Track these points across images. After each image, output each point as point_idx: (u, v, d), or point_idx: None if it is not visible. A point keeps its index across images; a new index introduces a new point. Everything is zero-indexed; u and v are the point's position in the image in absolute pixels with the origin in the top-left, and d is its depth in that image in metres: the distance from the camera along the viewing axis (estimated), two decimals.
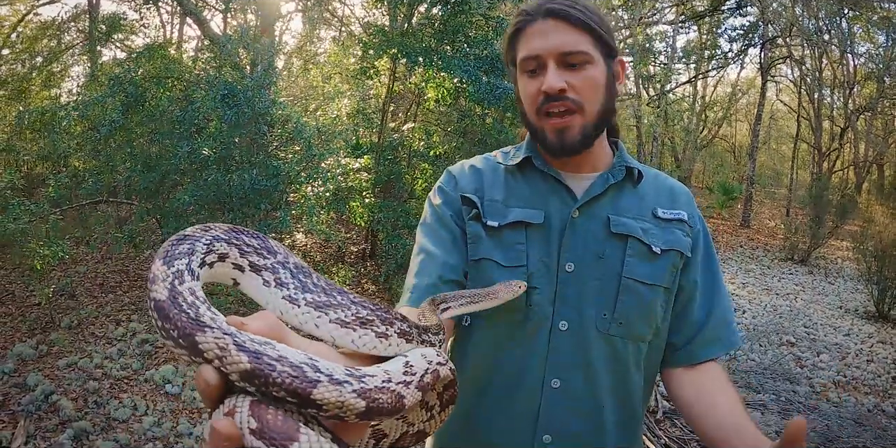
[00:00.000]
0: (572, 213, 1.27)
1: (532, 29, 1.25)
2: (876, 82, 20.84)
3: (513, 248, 1.26)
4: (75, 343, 6.23)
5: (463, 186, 1.35)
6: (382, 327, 0.66)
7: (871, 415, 5.72)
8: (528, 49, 1.24)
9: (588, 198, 1.29)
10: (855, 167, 23.57)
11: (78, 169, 8.85)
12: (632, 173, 1.34)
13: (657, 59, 21.49)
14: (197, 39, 15.83)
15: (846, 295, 11.16)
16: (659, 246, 1.28)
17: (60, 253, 6.47)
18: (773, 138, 31.76)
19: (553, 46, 1.21)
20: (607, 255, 1.26)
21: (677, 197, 1.38)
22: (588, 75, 1.23)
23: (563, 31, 1.22)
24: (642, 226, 1.29)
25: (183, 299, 0.54)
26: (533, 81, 1.25)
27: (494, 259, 1.26)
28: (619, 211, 1.30)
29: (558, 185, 1.31)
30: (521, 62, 1.26)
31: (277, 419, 0.49)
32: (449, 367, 0.70)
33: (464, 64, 7.79)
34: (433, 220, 1.34)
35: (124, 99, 7.12)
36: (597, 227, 1.28)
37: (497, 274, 1.25)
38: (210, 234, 0.62)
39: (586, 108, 1.24)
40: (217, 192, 6.36)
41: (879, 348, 7.99)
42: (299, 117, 7.14)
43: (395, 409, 0.56)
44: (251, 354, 0.50)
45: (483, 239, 1.28)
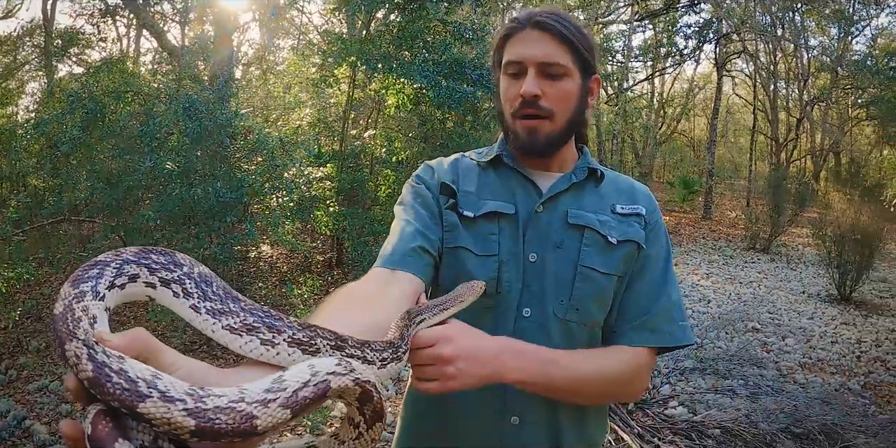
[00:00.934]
0: (536, 207, 1.36)
1: (519, 36, 1.33)
2: (829, 74, 21.39)
3: (486, 237, 1.34)
4: (45, 366, 6.14)
5: (441, 176, 1.42)
6: (269, 335, 0.69)
7: (839, 393, 5.89)
8: (513, 54, 1.33)
9: (552, 193, 1.37)
10: (812, 156, 24.14)
11: (38, 188, 8.72)
12: (594, 174, 1.43)
13: (614, 58, 21.79)
14: (154, 52, 15.66)
15: (808, 280, 11.43)
16: (616, 237, 1.35)
17: (26, 275, 6.37)
18: (731, 131, 32.39)
19: (534, 55, 1.30)
20: (565, 245, 1.34)
21: (637, 194, 1.46)
22: (563, 87, 1.32)
23: (546, 43, 1.31)
24: (600, 218, 1.37)
25: (71, 315, 0.60)
26: (514, 84, 1.33)
27: (469, 248, 1.33)
28: (580, 206, 1.38)
29: (526, 181, 1.39)
30: (506, 65, 1.35)
31: (105, 428, 0.55)
32: (354, 378, 0.67)
33: (423, 69, 7.85)
34: (412, 198, 1.39)
35: (84, 115, 7.04)
36: (557, 220, 1.36)
37: (471, 262, 1.32)
38: (120, 258, 0.67)
39: (556, 117, 1.32)
40: (181, 207, 6.33)
41: (843, 329, 8.22)
42: (261, 128, 7.13)
43: (241, 430, 0.57)
44: (96, 364, 0.56)
45: (459, 228, 1.35)
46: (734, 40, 20.93)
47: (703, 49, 22.80)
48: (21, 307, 7.17)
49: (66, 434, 0.58)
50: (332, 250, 9.67)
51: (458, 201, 1.37)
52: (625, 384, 1.32)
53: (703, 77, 29.22)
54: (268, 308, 0.72)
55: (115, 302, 0.67)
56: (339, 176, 8.49)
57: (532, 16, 1.33)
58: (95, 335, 0.59)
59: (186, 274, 0.70)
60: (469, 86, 8.13)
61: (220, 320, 0.69)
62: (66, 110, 7.23)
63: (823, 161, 23.51)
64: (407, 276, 1.20)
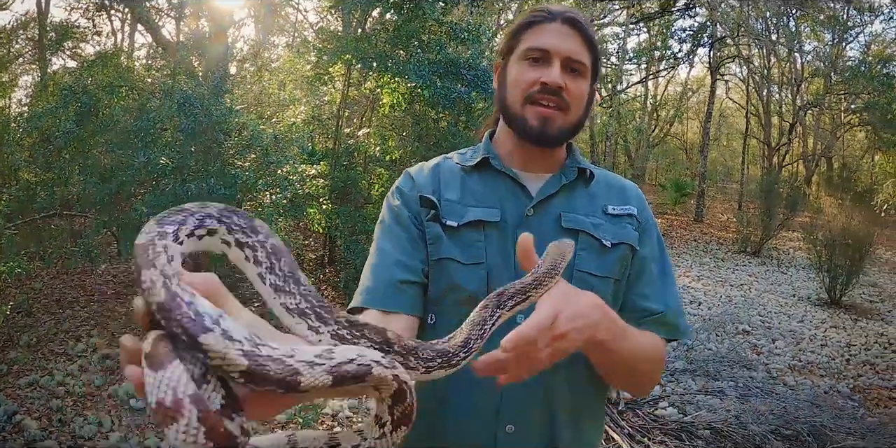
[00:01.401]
0: (527, 211, 1.33)
1: (548, 27, 1.33)
2: (823, 79, 21.51)
3: (472, 245, 1.31)
4: (35, 361, 6.11)
5: (421, 187, 1.38)
6: (316, 323, 0.73)
7: (828, 396, 5.94)
8: (540, 41, 1.32)
9: (542, 196, 1.35)
10: (804, 161, 24.25)
11: (30, 182, 8.66)
12: (584, 174, 1.41)
13: (609, 60, 21.85)
14: (148, 46, 15.59)
15: (798, 283, 11.51)
16: (609, 240, 1.34)
17: (17, 269, 6.34)
18: (724, 135, 32.49)
19: (566, 49, 1.31)
20: None
21: (627, 194, 1.45)
22: (581, 85, 1.33)
23: (576, 40, 1.32)
24: (593, 221, 1.35)
25: (152, 248, 0.63)
26: (533, 70, 1.31)
27: (455, 258, 1.30)
28: (572, 208, 1.36)
29: (514, 184, 1.37)
30: (527, 50, 1.33)
31: (162, 349, 0.57)
32: (395, 374, 0.68)
33: (418, 69, 7.85)
34: (390, 220, 1.37)
35: (77, 109, 7.01)
36: (549, 223, 1.33)
37: (458, 272, 1.29)
38: (204, 212, 0.71)
39: (571, 111, 1.32)
40: (175, 202, 6.31)
41: (832, 333, 8.28)
42: (256, 125, 7.11)
43: (286, 382, 0.59)
44: (169, 293, 0.59)
45: (443, 239, 1.32)
46: (728, 44, 21.02)
47: (698, 53, 22.92)
48: (12, 301, 7.13)
49: (126, 346, 0.60)
50: (325, 248, 9.66)
51: (441, 212, 1.34)
52: (659, 368, 1.34)
53: (696, 80, 29.38)
54: (322, 298, 0.75)
55: (190, 249, 0.70)
56: (332, 174, 8.48)
57: (564, 11, 1.34)
58: (171, 269, 0.63)
59: (261, 242, 0.73)
60: (464, 86, 8.14)
61: (279, 297, 0.72)
62: (59, 104, 7.18)
63: (815, 166, 23.63)
64: (400, 317, 1.21)
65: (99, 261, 7.76)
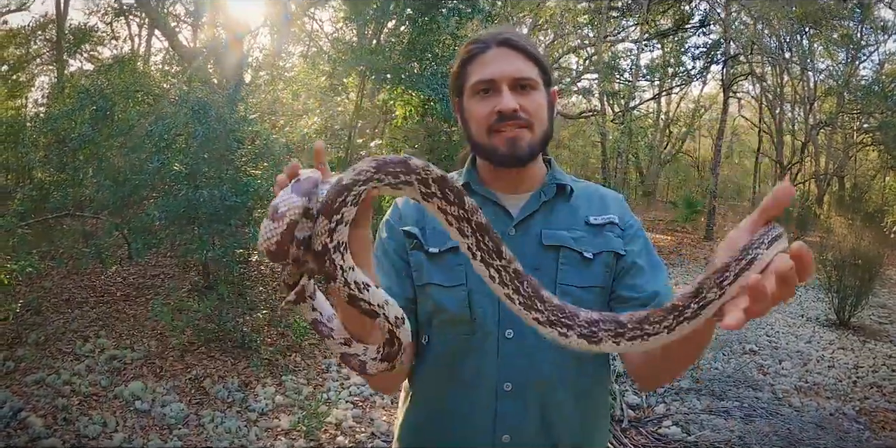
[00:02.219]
0: (508, 231, 1.37)
1: (486, 56, 1.35)
2: (836, 98, 21.46)
3: (452, 269, 1.36)
4: (43, 359, 6.14)
5: (406, 218, 1.45)
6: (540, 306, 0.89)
7: (833, 418, 5.89)
8: (482, 73, 1.34)
9: (523, 216, 1.39)
10: (816, 180, 24.17)
11: (44, 182, 8.74)
12: (563, 189, 1.44)
13: (622, 77, 21.90)
14: (165, 51, 15.74)
15: (807, 304, 11.43)
16: (591, 251, 1.37)
17: (28, 267, 6.39)
18: (736, 153, 32.46)
19: (508, 72, 1.33)
20: (542, 266, 1.34)
21: (608, 202, 1.48)
22: (535, 99, 1.35)
23: (515, 59, 1.34)
24: (574, 235, 1.38)
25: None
26: (485, 102, 1.35)
27: (436, 282, 1.36)
28: (552, 225, 1.39)
29: (496, 206, 1.41)
30: (474, 84, 1.36)
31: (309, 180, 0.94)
32: (391, 326, 0.94)
33: (431, 82, 7.90)
34: (379, 252, 1.44)
35: (93, 112, 7.08)
36: (531, 241, 1.37)
37: (440, 295, 1.35)
38: (426, 173, 0.90)
39: (535, 127, 1.35)
40: (186, 208, 6.35)
41: (840, 354, 8.22)
42: (268, 134, 7.16)
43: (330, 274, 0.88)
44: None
45: (425, 265, 1.38)
46: (742, 62, 21.01)
47: (711, 70, 22.92)
48: (22, 300, 7.18)
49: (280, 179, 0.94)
50: None
51: (425, 240, 1.39)
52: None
53: (709, 97, 29.35)
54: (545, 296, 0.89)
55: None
56: None
57: (496, 35, 1.37)
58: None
59: (467, 218, 0.92)
60: None
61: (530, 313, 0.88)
62: (75, 106, 7.26)
63: (827, 185, 23.53)
64: None
65: (110, 262, 7.82)
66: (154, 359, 6.26)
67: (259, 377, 6.07)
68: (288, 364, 6.42)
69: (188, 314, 6.50)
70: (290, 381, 6.05)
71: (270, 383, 5.98)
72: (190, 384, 5.83)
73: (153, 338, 6.76)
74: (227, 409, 5.44)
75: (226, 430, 5.09)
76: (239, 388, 5.82)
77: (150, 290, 8.42)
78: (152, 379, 5.86)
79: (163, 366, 6.14)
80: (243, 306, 6.93)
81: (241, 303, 6.90)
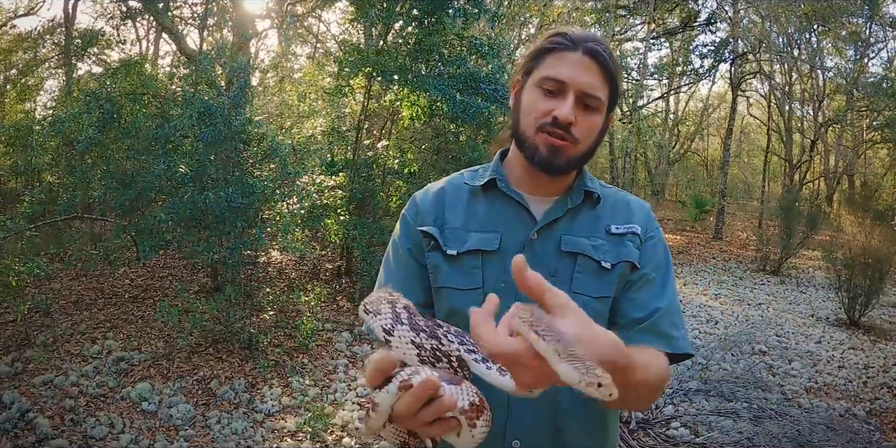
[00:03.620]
0: (531, 235, 1.34)
1: (568, 56, 1.30)
2: (844, 95, 21.33)
3: (470, 272, 1.33)
4: (51, 360, 6.17)
5: (424, 215, 1.42)
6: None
7: (843, 419, 5.85)
8: (557, 71, 1.30)
9: (547, 221, 1.36)
10: (825, 178, 24.03)
11: (52, 184, 8.78)
12: (591, 196, 1.41)
13: (630, 76, 21.81)
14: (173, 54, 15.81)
15: (817, 303, 11.37)
16: (609, 261, 1.34)
17: (37, 270, 6.42)
18: (745, 151, 32.30)
19: (581, 82, 1.28)
20: (559, 272, 1.33)
21: (633, 211, 1.44)
22: (594, 120, 1.32)
23: (594, 73, 1.29)
24: (594, 243, 1.35)
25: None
26: (547, 101, 1.30)
27: (453, 286, 1.34)
28: (574, 232, 1.36)
29: (520, 207, 1.38)
30: (543, 79, 1.31)
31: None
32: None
33: (438, 83, 7.90)
34: (394, 256, 1.42)
35: (100, 115, 7.11)
36: (551, 247, 1.34)
37: (455, 298, 1.33)
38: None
39: (579, 146, 1.32)
40: (193, 210, 6.37)
41: (850, 354, 8.16)
42: (275, 135, 7.17)
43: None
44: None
45: (443, 267, 1.35)
46: (750, 60, 20.92)
47: (719, 68, 22.81)
48: (30, 301, 7.22)
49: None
50: (341, 258, 9.68)
51: (443, 240, 1.37)
52: (661, 389, 1.30)
53: (717, 96, 29.24)
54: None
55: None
56: (350, 185, 8.52)
57: (585, 40, 1.31)
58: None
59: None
60: (483, 100, 8.16)
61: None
62: (83, 110, 7.29)
63: (837, 183, 23.39)
64: None
65: (118, 264, 7.85)
66: (161, 360, 6.28)
67: (266, 378, 6.08)
68: (295, 365, 6.43)
69: (195, 315, 6.51)
70: (297, 382, 6.06)
71: (277, 385, 5.98)
72: (197, 385, 5.85)
73: (160, 339, 6.78)
74: (234, 411, 5.45)
75: (232, 432, 5.10)
76: (245, 389, 5.83)
77: (157, 292, 8.45)
78: (159, 380, 5.88)
79: (170, 367, 6.15)
80: (250, 308, 6.94)
81: (248, 304, 6.91)
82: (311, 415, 5.33)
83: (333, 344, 7.17)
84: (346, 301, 8.55)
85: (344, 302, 8.55)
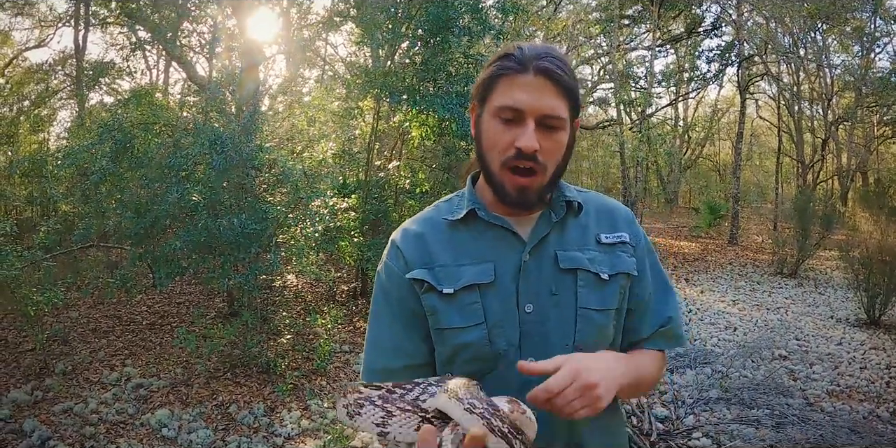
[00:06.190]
0: (524, 257, 1.32)
1: (520, 80, 1.25)
2: (853, 92, 21.19)
3: (469, 307, 1.30)
4: (70, 388, 6.24)
5: (411, 262, 1.36)
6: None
7: (867, 421, 5.77)
8: (511, 99, 1.25)
9: (536, 240, 1.33)
10: (839, 177, 23.83)
11: (68, 213, 8.91)
12: (572, 206, 1.38)
13: (637, 84, 21.79)
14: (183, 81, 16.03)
15: (836, 304, 11.25)
16: (606, 272, 1.34)
17: (54, 299, 6.52)
18: (757, 154, 32.10)
19: (538, 107, 1.24)
20: (560, 289, 1.32)
21: (617, 219, 1.43)
22: (558, 139, 1.28)
23: (550, 93, 1.24)
24: (588, 256, 1.35)
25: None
26: (507, 131, 1.26)
27: (454, 326, 1.30)
28: (565, 245, 1.35)
29: (506, 232, 1.34)
30: (499, 108, 1.26)
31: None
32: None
33: (446, 101, 7.94)
34: (382, 301, 1.38)
35: (113, 146, 7.21)
36: (547, 265, 1.33)
37: (458, 335, 1.29)
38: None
39: (548, 170, 1.28)
40: (207, 237, 6.43)
41: (872, 354, 8.06)
42: (285, 161, 7.23)
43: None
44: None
45: (440, 309, 1.31)
46: (757, 62, 20.86)
47: (726, 72, 22.76)
48: (49, 330, 7.31)
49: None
50: (357, 280, 9.71)
51: (436, 281, 1.31)
52: (655, 385, 1.48)
53: (726, 100, 29.15)
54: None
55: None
56: (363, 207, 8.57)
57: (535, 59, 1.25)
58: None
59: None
60: None
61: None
62: (95, 141, 7.41)
63: (850, 181, 23.18)
64: None
65: (134, 292, 7.93)
66: (180, 386, 6.33)
67: (284, 402, 6.10)
68: (313, 388, 6.45)
69: (213, 341, 6.56)
70: (316, 405, 6.07)
71: (296, 408, 6.00)
72: (216, 410, 5.88)
73: (179, 365, 6.83)
74: (254, 435, 5.48)
75: None
76: (265, 413, 5.85)
77: (175, 318, 8.52)
78: (179, 406, 5.91)
79: (189, 393, 6.20)
80: (267, 332, 6.98)
81: (265, 328, 6.95)
82: (331, 437, 5.34)
83: (351, 365, 7.18)
84: (362, 322, 8.57)
85: (361, 323, 8.56)
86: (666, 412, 5.72)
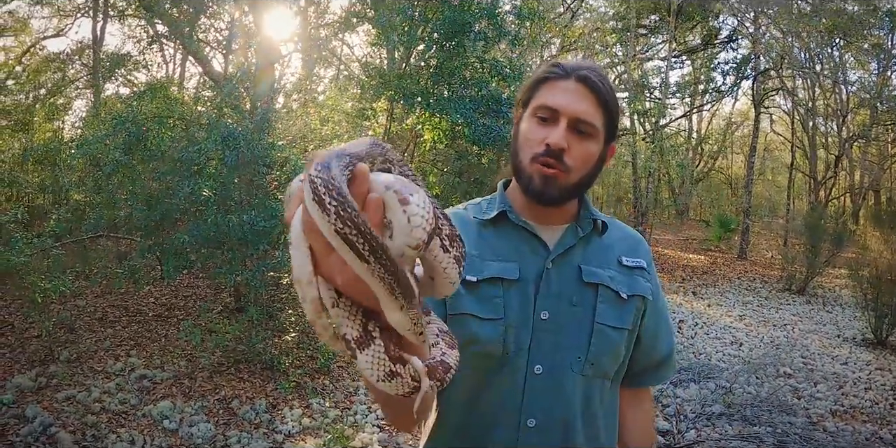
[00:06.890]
0: (547, 264, 1.35)
1: (560, 84, 1.32)
2: (869, 109, 21.07)
3: (490, 301, 1.32)
4: (74, 376, 6.26)
5: None
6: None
7: (869, 443, 5.73)
8: (549, 100, 1.32)
9: (561, 249, 1.37)
10: (851, 194, 23.70)
11: (79, 203, 8.94)
12: (597, 225, 1.43)
13: (651, 95, 21.73)
14: (199, 76, 16.08)
15: (844, 323, 11.18)
16: (626, 292, 1.38)
17: (62, 287, 6.54)
18: (769, 169, 31.99)
19: (573, 109, 1.30)
20: (580, 302, 1.34)
21: (637, 246, 1.49)
22: (588, 147, 1.32)
23: (586, 100, 1.30)
24: (610, 274, 1.38)
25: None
26: (540, 129, 1.32)
27: (472, 313, 1.31)
28: (589, 260, 1.38)
29: (532, 237, 1.38)
30: (537, 108, 1.33)
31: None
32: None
33: (459, 106, 7.95)
34: None
35: (126, 138, 7.24)
36: (569, 276, 1.36)
37: (475, 326, 1.31)
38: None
39: (572, 174, 1.32)
40: (216, 232, 6.44)
41: (877, 375, 8.01)
42: (297, 159, 7.25)
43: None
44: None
45: (462, 294, 1.32)
46: (772, 76, 20.77)
47: (741, 85, 22.66)
48: (55, 318, 7.34)
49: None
50: None
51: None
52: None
53: (740, 114, 29.04)
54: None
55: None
56: None
57: (578, 68, 1.32)
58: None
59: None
60: (505, 123, 8.21)
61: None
62: (109, 132, 7.44)
63: (863, 199, 23.04)
64: None
65: (142, 283, 7.95)
66: (183, 379, 6.34)
67: (287, 399, 6.10)
68: (316, 387, 6.45)
69: (218, 335, 6.57)
70: (318, 404, 6.07)
71: (298, 406, 6.01)
72: (218, 405, 5.89)
73: (183, 358, 6.84)
74: (254, 431, 5.48)
75: None
76: (266, 409, 5.86)
77: (181, 311, 8.54)
78: (181, 399, 5.93)
79: (192, 386, 6.21)
80: (273, 329, 6.99)
81: (270, 325, 6.96)
82: (331, 436, 5.34)
83: (355, 366, 7.17)
84: None
85: None
86: (668, 426, 5.69)
